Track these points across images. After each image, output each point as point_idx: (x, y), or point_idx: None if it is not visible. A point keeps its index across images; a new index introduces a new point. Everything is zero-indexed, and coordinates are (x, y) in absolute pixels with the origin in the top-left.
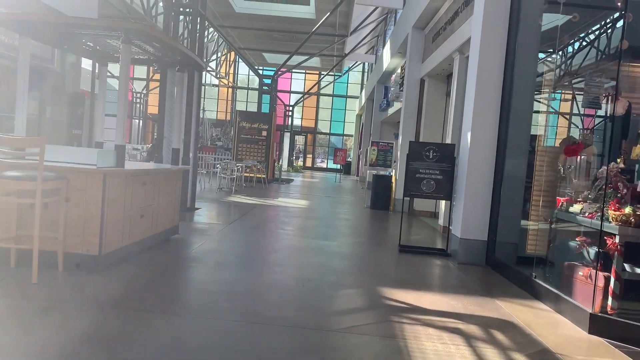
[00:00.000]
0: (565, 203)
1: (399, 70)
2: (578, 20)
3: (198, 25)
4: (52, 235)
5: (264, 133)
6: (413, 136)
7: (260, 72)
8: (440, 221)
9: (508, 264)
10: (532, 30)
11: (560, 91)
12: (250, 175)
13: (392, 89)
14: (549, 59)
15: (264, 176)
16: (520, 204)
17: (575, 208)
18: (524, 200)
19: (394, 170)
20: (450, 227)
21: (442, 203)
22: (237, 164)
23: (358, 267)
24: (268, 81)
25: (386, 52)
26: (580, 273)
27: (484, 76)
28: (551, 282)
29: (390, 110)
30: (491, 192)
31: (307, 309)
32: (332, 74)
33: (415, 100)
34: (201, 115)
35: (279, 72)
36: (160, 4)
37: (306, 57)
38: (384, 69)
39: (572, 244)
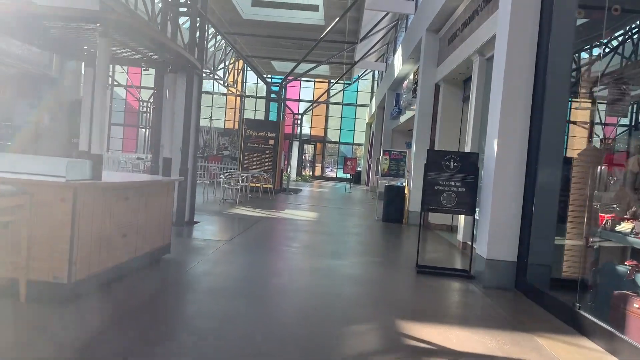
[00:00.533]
0: (610, 220)
1: (411, 77)
2: (619, 14)
3: (198, 25)
4: (12, 260)
5: (271, 142)
6: (427, 144)
7: (269, 80)
8: (459, 236)
9: (542, 290)
10: (567, 23)
11: (602, 88)
12: (257, 185)
13: (404, 95)
14: (589, 55)
15: (270, 186)
16: (555, 220)
17: (624, 226)
18: (560, 215)
19: (407, 181)
20: (473, 245)
21: (461, 216)
22: (242, 174)
23: (371, 295)
24: (276, 89)
25: (397, 58)
26: (637, 306)
27: (512, 77)
28: (599, 314)
29: (402, 118)
30: (521, 206)
31: (311, 354)
32: (342, 82)
33: (429, 107)
34: (208, 124)
35: (287, 80)
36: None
37: (315, 65)
38: (395, 76)
39: (621, 268)
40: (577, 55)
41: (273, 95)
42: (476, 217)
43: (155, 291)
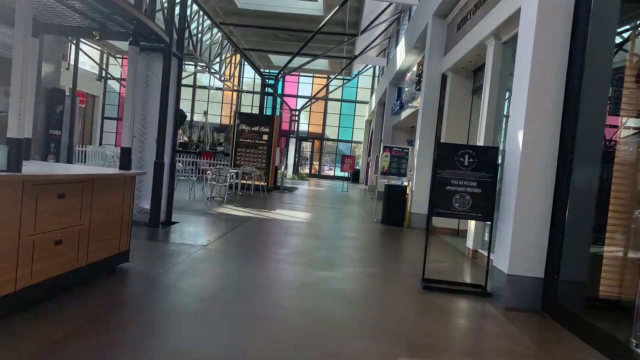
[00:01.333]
0: None
1: (414, 68)
2: None
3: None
4: None
5: (265, 137)
6: (432, 140)
7: (266, 74)
8: (469, 243)
9: (577, 314)
10: None
11: None
12: (249, 182)
13: (406, 89)
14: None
15: (264, 184)
16: (591, 229)
17: None
18: (598, 223)
19: (409, 180)
20: (489, 256)
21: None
22: (232, 170)
23: (369, 319)
24: (272, 82)
25: (400, 49)
26: None
27: (541, 58)
28: None
29: (404, 114)
30: (551, 212)
31: None
32: (341, 77)
33: (435, 100)
34: (203, 119)
35: (283, 73)
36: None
37: (312, 58)
38: (397, 68)
39: None
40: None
41: (269, 90)
42: (490, 223)
43: (92, 316)
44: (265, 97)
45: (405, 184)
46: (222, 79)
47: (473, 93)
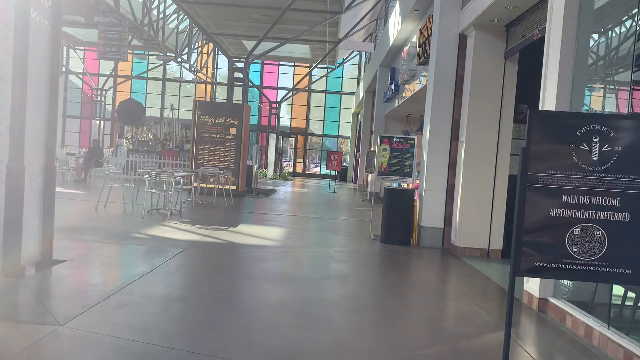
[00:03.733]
0: None
1: (414, 39)
2: None
3: None
4: None
5: (233, 130)
6: (449, 124)
7: (236, 59)
8: (531, 287)
9: None
10: None
11: None
12: (213, 186)
13: (403, 67)
14: None
15: (232, 188)
16: None
17: None
18: None
19: (420, 183)
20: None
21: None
22: (178, 173)
23: None
24: (243, 65)
25: (393, 20)
26: None
27: None
28: None
29: (399, 100)
30: None
31: None
32: (325, 66)
33: (450, 70)
34: (170, 115)
35: (254, 55)
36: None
37: (290, 38)
38: (390, 44)
39: None
40: None
41: (239, 75)
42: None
43: None
44: (234, 86)
45: (411, 187)
46: (193, 69)
47: (506, 57)
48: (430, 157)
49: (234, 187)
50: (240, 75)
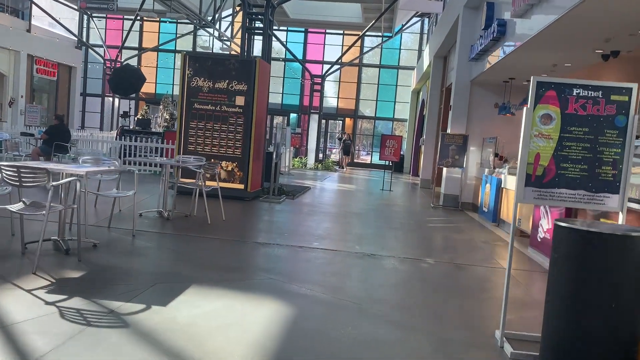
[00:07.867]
0: None
1: None
2: None
3: None
4: None
5: (240, 100)
6: None
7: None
8: None
9: None
10: None
11: None
12: (199, 185)
13: None
14: None
15: (239, 187)
16: None
17: None
18: None
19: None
20: None
21: None
22: (132, 167)
23: None
24: (263, 9)
25: None
26: None
27: None
28: None
29: (503, 50)
30: None
31: None
32: (379, 33)
33: None
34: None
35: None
36: None
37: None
38: None
39: None
40: None
41: (257, 24)
42: None
43: None
44: (253, 37)
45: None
46: (224, 38)
47: None
48: None
49: (240, 186)
50: (260, 24)
